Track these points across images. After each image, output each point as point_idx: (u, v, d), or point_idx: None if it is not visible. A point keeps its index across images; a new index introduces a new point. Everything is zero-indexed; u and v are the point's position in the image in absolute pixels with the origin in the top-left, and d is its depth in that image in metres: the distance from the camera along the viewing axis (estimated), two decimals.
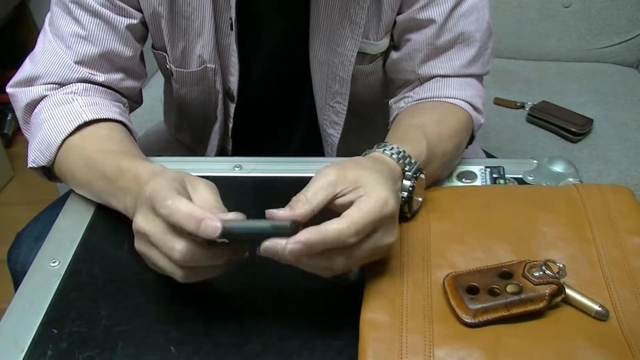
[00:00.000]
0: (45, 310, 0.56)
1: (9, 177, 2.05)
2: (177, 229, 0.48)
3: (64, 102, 0.70)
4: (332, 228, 0.48)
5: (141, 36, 0.78)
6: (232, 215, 0.49)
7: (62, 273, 0.60)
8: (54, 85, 0.72)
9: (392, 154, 0.60)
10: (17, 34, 2.12)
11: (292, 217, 0.48)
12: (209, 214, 0.47)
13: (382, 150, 0.61)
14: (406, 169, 0.59)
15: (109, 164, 0.62)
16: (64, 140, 0.67)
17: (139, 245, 0.52)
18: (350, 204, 0.50)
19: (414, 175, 0.59)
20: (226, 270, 0.52)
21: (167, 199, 0.48)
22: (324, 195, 0.51)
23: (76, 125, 0.67)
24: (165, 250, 0.49)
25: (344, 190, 0.51)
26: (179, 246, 0.48)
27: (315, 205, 0.50)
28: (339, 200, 0.52)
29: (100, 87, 0.74)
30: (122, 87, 0.77)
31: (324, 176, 0.52)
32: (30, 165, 0.70)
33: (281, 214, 0.49)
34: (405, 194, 0.59)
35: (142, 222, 0.50)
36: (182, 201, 0.48)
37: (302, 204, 0.50)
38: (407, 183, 0.59)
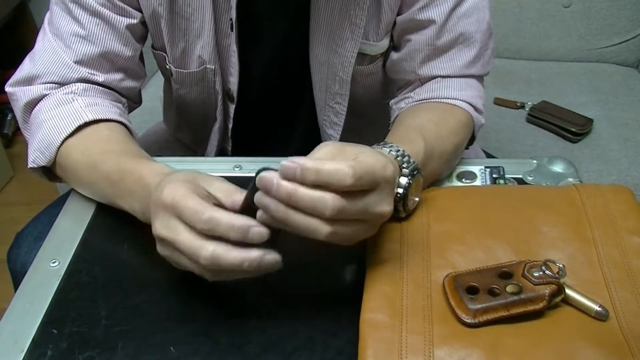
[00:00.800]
0: (45, 310, 0.56)
1: (9, 177, 2.05)
2: (203, 234, 0.49)
3: (63, 102, 0.70)
4: (330, 163, 0.47)
5: (141, 36, 0.78)
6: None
7: (62, 273, 0.60)
8: (54, 84, 0.72)
9: (391, 151, 0.60)
10: (17, 34, 2.12)
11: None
12: (252, 221, 0.48)
13: (380, 147, 0.61)
14: (404, 166, 0.59)
15: (110, 165, 0.62)
16: (64, 141, 0.67)
17: (162, 250, 0.53)
18: None
19: (412, 173, 0.59)
20: (259, 272, 0.51)
21: (203, 212, 0.48)
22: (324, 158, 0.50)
23: (76, 126, 0.67)
24: (192, 257, 0.49)
25: None
26: (205, 253, 0.48)
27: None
28: None
29: (100, 87, 0.74)
30: (122, 87, 0.76)
31: (323, 147, 0.52)
32: (30, 165, 0.70)
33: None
34: (401, 190, 0.58)
35: (164, 229, 0.51)
36: (219, 212, 0.48)
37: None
38: (403, 180, 0.59)
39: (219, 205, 0.51)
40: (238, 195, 0.51)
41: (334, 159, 0.51)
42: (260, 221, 0.49)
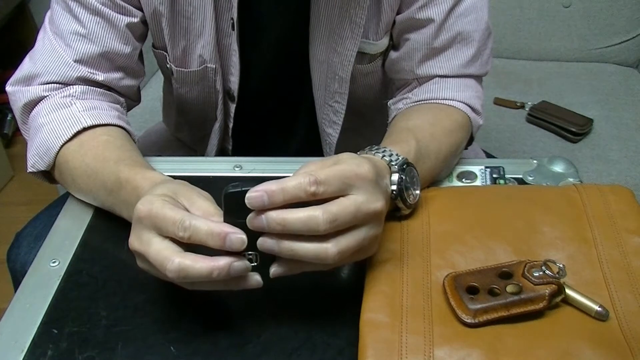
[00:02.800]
0: (45, 310, 0.56)
1: (9, 177, 2.05)
2: (172, 247, 0.49)
3: (62, 106, 0.69)
4: (291, 178, 0.48)
5: (141, 35, 0.78)
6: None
7: (62, 273, 0.60)
8: (53, 84, 0.72)
9: (376, 153, 0.60)
10: (17, 34, 2.12)
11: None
12: (230, 228, 0.48)
13: (365, 152, 0.61)
14: (392, 163, 0.59)
15: (108, 174, 0.62)
16: (62, 146, 0.67)
17: (140, 263, 0.53)
18: None
19: (402, 168, 0.59)
20: (234, 284, 0.51)
21: (183, 220, 0.48)
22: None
23: (74, 132, 0.67)
24: (160, 269, 0.49)
25: None
26: (171, 265, 0.48)
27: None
28: None
29: (99, 89, 0.74)
30: (121, 85, 0.76)
31: (304, 167, 0.52)
32: (29, 170, 0.70)
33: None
34: (395, 187, 0.58)
35: (136, 242, 0.51)
36: (199, 220, 0.49)
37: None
38: (395, 176, 0.58)
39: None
40: (217, 218, 0.51)
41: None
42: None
